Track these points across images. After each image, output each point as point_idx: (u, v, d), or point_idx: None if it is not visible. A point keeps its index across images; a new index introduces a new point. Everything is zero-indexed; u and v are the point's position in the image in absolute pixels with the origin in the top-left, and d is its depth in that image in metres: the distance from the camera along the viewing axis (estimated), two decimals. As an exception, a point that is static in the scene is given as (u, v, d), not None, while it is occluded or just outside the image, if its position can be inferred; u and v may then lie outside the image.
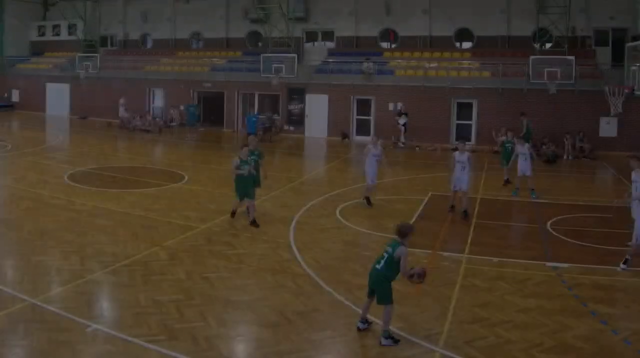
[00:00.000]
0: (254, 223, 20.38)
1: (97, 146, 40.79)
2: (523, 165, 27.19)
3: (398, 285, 14.37)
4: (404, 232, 12.31)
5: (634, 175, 18.08)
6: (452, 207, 23.21)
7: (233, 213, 21.33)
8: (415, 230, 12.93)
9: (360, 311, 12.86)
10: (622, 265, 15.99)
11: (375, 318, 12.63)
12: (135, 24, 64.25)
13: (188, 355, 11.21)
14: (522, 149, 27.39)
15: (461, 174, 22.58)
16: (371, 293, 12.43)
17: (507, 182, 29.12)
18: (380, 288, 12.20)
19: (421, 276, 12.17)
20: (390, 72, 48.96)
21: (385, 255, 12.19)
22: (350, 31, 54.81)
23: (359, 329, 12.46)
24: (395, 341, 12.02)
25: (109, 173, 30.39)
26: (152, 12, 62.90)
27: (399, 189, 28.21)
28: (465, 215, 22.26)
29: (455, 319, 13.25)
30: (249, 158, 20.94)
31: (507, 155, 29.27)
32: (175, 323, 12.53)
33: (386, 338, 11.98)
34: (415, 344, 12.03)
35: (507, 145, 29.74)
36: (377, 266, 12.25)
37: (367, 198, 23.91)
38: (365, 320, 12.55)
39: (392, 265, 12.11)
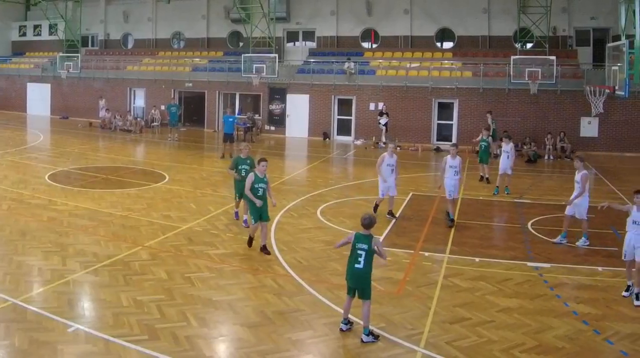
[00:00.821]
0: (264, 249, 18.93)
1: (78, 146, 40.71)
2: (505, 163, 27.40)
3: (380, 285, 14.52)
4: (371, 224, 12.46)
5: (577, 175, 18.41)
6: (452, 220, 21.93)
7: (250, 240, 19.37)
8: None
9: (341, 311, 12.88)
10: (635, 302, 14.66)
11: (356, 318, 12.66)
12: (116, 24, 64.41)
13: (169, 355, 11.22)
14: (506, 147, 27.54)
15: (456, 180, 22.09)
16: (351, 293, 12.42)
17: (482, 179, 29.75)
18: (366, 285, 12.27)
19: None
20: (371, 72, 49.02)
21: (363, 253, 12.24)
22: (332, 31, 55.11)
23: (341, 330, 12.47)
24: (376, 337, 12.10)
25: (90, 173, 30.29)
26: (133, 12, 63.07)
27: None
28: (453, 222, 21.93)
29: (436, 319, 13.28)
30: (240, 167, 20.69)
31: (484, 153, 29.64)
32: (157, 323, 12.53)
33: (367, 335, 12.04)
34: (397, 344, 12.05)
35: (482, 143, 29.84)
36: (358, 265, 12.24)
37: (376, 207, 23.15)
38: (347, 321, 12.56)
39: (371, 259, 12.28)
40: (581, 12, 48.48)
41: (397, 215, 22.67)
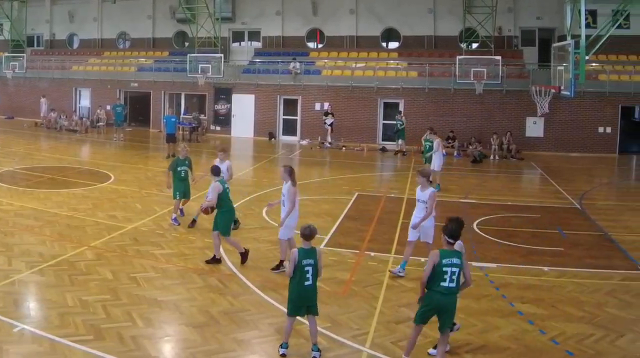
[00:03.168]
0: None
1: (24, 146, 40.46)
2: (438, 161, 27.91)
3: (325, 285, 14.55)
4: (312, 235, 11.72)
5: (419, 192, 15.99)
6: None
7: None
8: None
9: (284, 309, 12.75)
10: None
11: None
12: (62, 24, 63.74)
13: (115, 355, 11.19)
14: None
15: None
16: (300, 312, 11.77)
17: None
18: (315, 301, 11.71)
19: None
20: (317, 72, 49.16)
21: (310, 269, 11.49)
22: (277, 31, 55.13)
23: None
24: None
25: (36, 173, 30.12)
26: (78, 12, 62.49)
27: (326, 189, 28.29)
28: None
29: (382, 319, 13.37)
30: (178, 168, 20.94)
31: (426, 153, 29.70)
32: (102, 323, 12.50)
33: (317, 351, 11.57)
34: (343, 344, 12.12)
35: (426, 143, 29.87)
36: (308, 283, 11.48)
37: None
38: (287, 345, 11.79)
39: (317, 273, 11.68)
40: (527, 12, 48.95)
41: (342, 216, 22.78)
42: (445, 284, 10.70)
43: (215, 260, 16.92)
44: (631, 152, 44.75)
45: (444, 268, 10.67)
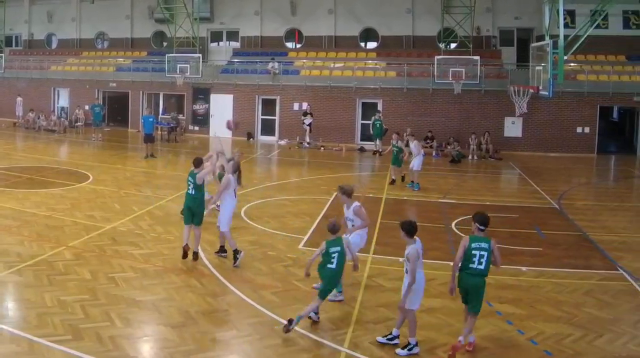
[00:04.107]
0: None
1: (2, 146, 40.23)
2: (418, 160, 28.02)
3: (303, 285, 14.64)
4: (335, 229, 12.98)
5: (346, 211, 15.56)
6: None
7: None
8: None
9: (265, 311, 13.24)
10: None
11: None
12: (40, 24, 63.41)
13: (93, 355, 11.17)
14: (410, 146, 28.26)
15: None
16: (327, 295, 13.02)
17: (393, 182, 29.68)
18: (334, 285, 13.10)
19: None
20: (295, 72, 49.10)
21: (336, 254, 12.73)
22: (256, 31, 55.11)
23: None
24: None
25: (14, 173, 29.98)
26: (57, 12, 62.19)
27: (304, 189, 28.28)
28: None
29: (360, 319, 13.40)
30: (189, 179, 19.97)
31: (395, 157, 29.46)
32: (81, 323, 12.47)
33: (297, 322, 12.37)
34: (321, 344, 12.15)
35: (394, 148, 29.61)
36: (331, 266, 12.75)
37: None
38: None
39: (343, 261, 12.95)
40: (505, 12, 49.11)
41: (320, 215, 22.83)
42: (474, 266, 11.88)
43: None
44: (609, 152, 45.02)
45: (473, 252, 11.89)
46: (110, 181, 28.67)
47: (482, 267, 11.92)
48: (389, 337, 12.30)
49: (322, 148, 43.25)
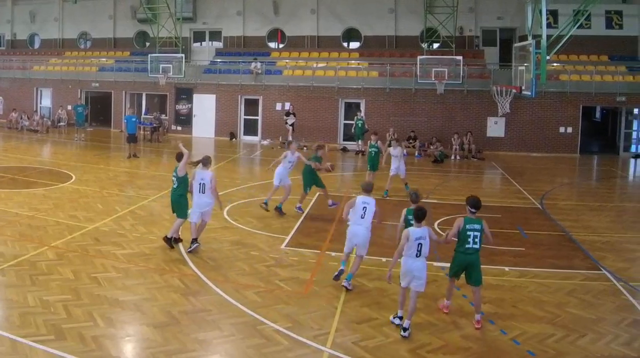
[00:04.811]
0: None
1: (-16, 146, 39.99)
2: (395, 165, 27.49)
3: (286, 285, 14.71)
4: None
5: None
6: None
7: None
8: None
9: (247, 311, 13.30)
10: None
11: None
12: (23, 24, 63.22)
13: (76, 355, 11.12)
14: (394, 151, 27.48)
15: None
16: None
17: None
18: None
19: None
20: (278, 72, 49.21)
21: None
22: (238, 31, 55.35)
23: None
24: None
25: (-4, 173, 29.86)
26: (40, 12, 62.07)
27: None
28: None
29: (343, 319, 13.37)
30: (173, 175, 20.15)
31: (374, 159, 28.53)
32: (64, 323, 12.42)
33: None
34: (304, 344, 12.09)
35: (371, 149, 28.64)
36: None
37: None
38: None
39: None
40: (488, 12, 49.47)
41: (302, 216, 23.04)
42: (469, 246, 13.40)
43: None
44: (592, 152, 45.36)
45: (468, 233, 13.41)
46: (93, 181, 28.59)
47: (477, 246, 13.44)
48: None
49: (304, 148, 43.25)
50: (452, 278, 14.01)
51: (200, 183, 18.14)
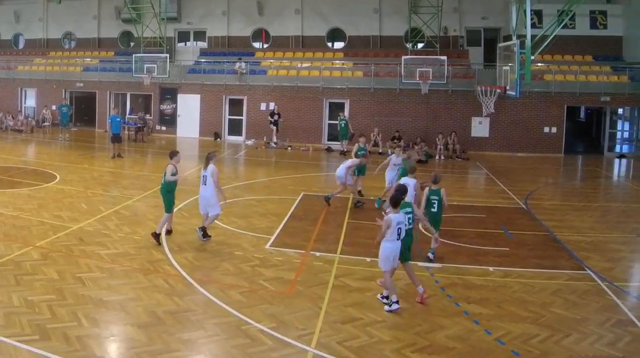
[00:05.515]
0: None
1: (-32, 146, 39.87)
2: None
3: (271, 285, 14.74)
4: (438, 180, 18.02)
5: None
6: None
7: None
8: None
9: (232, 310, 13.29)
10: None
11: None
12: (7, 24, 62.94)
13: (61, 355, 11.08)
14: (396, 160, 25.62)
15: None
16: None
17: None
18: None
19: None
20: (262, 72, 49.21)
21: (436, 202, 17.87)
22: (223, 31, 55.42)
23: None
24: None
25: (-19, 173, 29.77)
26: (24, 12, 61.88)
27: (271, 189, 28.22)
28: None
29: (327, 319, 13.34)
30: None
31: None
32: (48, 323, 12.38)
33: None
34: (288, 344, 12.06)
35: (359, 152, 27.36)
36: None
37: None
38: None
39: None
40: (472, 12, 49.69)
41: (287, 215, 22.93)
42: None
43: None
44: (576, 152, 45.50)
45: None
46: (77, 181, 28.53)
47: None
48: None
49: (289, 148, 43.26)
50: (407, 263, 14.86)
51: (202, 176, 19.13)
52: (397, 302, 13.77)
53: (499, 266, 17.43)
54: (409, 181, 18.34)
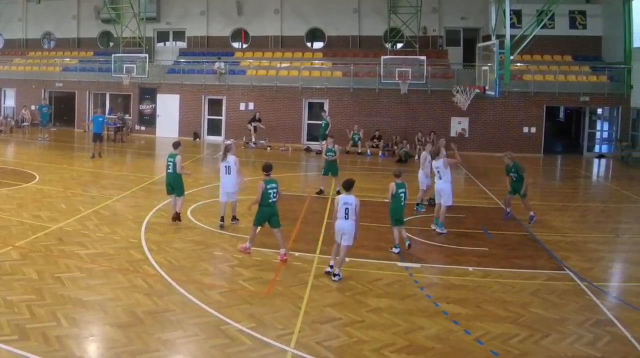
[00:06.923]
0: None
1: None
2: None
3: (250, 285, 14.74)
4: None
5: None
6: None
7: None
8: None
9: (212, 311, 13.34)
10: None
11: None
12: (-15, 24, 62.56)
13: (40, 355, 11.05)
14: (436, 163, 24.08)
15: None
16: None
17: (321, 192, 27.90)
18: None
19: None
20: (241, 72, 49.16)
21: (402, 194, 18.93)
22: (202, 31, 55.42)
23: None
24: None
25: (-40, 173, 29.64)
26: (3, 12, 61.55)
27: (250, 190, 27.39)
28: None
29: (307, 319, 13.35)
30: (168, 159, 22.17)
31: (333, 163, 27.85)
32: (27, 323, 12.35)
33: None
34: (267, 344, 12.07)
35: (329, 153, 27.93)
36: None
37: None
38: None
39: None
40: (451, 12, 49.94)
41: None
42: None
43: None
44: (556, 152, 45.61)
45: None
46: (56, 181, 28.48)
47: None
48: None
49: (268, 148, 43.24)
50: (256, 227, 18.09)
51: (225, 166, 21.57)
52: (331, 266, 16.30)
53: (478, 266, 17.49)
54: (436, 164, 22.94)
